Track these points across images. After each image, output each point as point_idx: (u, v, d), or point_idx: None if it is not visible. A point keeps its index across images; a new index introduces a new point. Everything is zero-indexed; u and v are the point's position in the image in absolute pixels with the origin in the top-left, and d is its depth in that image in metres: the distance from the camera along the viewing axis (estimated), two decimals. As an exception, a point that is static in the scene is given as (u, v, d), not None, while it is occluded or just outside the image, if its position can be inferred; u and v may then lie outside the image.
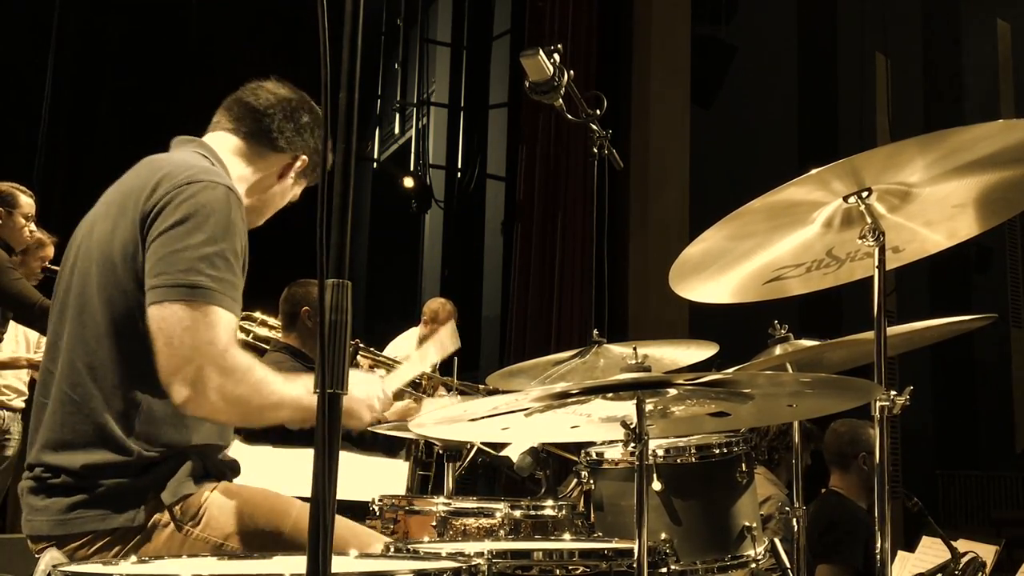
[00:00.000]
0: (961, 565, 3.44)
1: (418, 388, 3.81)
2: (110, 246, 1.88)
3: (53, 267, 4.49)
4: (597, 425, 1.97)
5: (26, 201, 4.53)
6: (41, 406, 1.93)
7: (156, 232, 1.82)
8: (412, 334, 6.65)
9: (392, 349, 6.27)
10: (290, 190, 2.20)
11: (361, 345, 3.68)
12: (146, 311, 1.79)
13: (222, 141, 2.10)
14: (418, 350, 2.45)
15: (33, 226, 4.56)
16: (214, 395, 1.77)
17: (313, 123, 2.15)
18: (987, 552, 4.11)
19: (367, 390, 2.00)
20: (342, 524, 1.97)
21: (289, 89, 2.16)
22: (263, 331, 3.85)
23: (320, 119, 2.15)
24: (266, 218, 2.23)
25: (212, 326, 1.77)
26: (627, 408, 1.75)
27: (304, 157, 2.15)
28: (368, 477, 3.26)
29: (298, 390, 1.85)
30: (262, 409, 1.85)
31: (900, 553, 4.19)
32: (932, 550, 4.00)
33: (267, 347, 3.89)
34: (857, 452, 3.97)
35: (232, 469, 2.04)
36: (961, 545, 3.94)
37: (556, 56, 2.74)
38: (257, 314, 3.84)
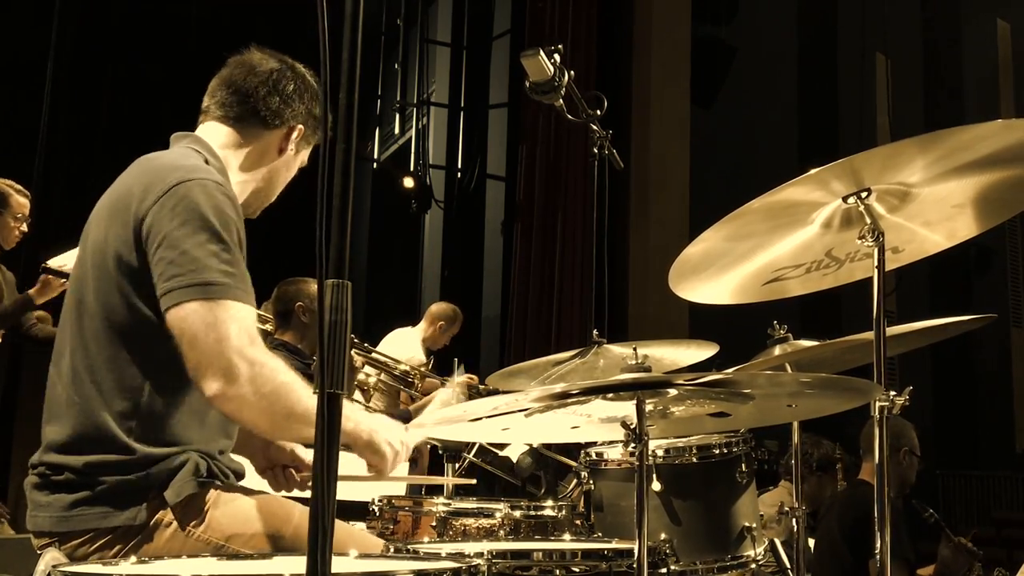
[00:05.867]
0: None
1: (411, 386, 3.81)
2: (104, 249, 1.88)
3: (55, 268, 4.47)
4: (597, 425, 1.97)
5: (18, 201, 4.46)
6: (48, 408, 1.93)
7: (158, 238, 1.81)
8: (404, 333, 6.63)
9: (383, 348, 6.27)
10: (295, 160, 2.18)
11: (355, 341, 3.68)
12: (163, 316, 1.79)
13: (214, 132, 2.09)
14: (441, 400, 2.45)
15: (25, 227, 4.50)
16: (246, 386, 1.75)
17: (300, 88, 2.12)
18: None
19: (393, 434, 1.97)
20: (341, 529, 1.97)
21: (270, 58, 2.13)
22: (257, 324, 3.87)
23: (306, 81, 2.13)
24: (277, 193, 2.21)
25: (234, 319, 1.77)
26: (627, 408, 1.75)
27: (299, 126, 2.12)
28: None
29: None
30: (289, 415, 1.80)
31: None
32: None
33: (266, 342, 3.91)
34: (900, 446, 4.01)
35: (236, 473, 2.04)
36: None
37: (556, 56, 2.74)
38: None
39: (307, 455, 2.20)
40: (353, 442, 1.88)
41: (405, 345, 6.56)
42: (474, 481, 2.92)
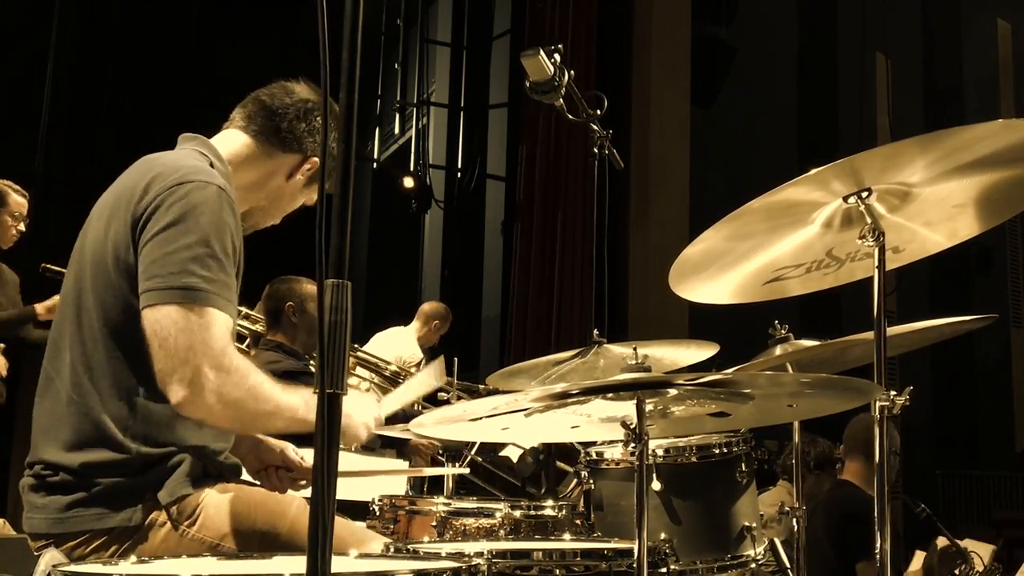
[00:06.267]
0: (982, 568, 3.46)
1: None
2: (103, 248, 1.88)
3: (55, 268, 4.47)
4: (597, 425, 1.97)
5: (16, 200, 4.46)
6: (42, 406, 1.93)
7: (148, 235, 1.81)
8: (398, 332, 6.66)
9: (377, 347, 6.29)
10: (300, 193, 2.16)
11: None
12: (140, 314, 1.79)
13: (230, 139, 2.09)
14: (413, 378, 2.45)
15: (23, 226, 4.51)
16: (211, 396, 1.76)
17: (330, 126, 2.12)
18: (984, 551, 4.13)
19: (364, 410, 2.01)
20: (340, 524, 1.97)
21: (312, 91, 2.13)
22: (247, 324, 3.85)
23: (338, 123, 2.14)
24: (275, 220, 2.20)
25: (207, 327, 1.77)
26: (627, 408, 1.75)
27: (315, 159, 2.10)
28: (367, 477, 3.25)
29: (295, 400, 1.85)
30: (257, 416, 1.83)
31: (917, 552, 4.20)
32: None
33: (260, 342, 3.89)
34: (891, 448, 3.99)
35: (233, 471, 2.04)
36: (965, 545, 3.96)
37: (556, 56, 2.74)
38: (242, 309, 3.83)
39: (296, 456, 2.20)
40: None
41: (403, 344, 6.59)
42: (468, 470, 2.92)
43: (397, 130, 9.95)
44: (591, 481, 2.35)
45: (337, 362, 1.06)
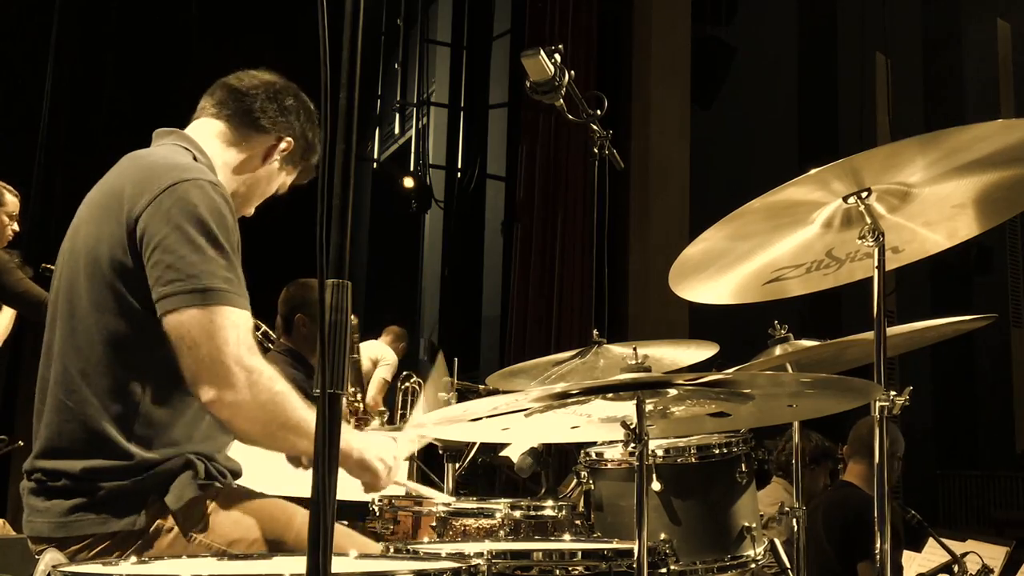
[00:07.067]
0: (970, 571, 3.44)
1: (364, 422, 3.77)
2: (96, 249, 1.87)
3: (51, 267, 4.47)
4: (597, 425, 1.97)
5: (10, 200, 4.50)
6: (39, 413, 1.92)
7: (154, 241, 1.80)
8: (367, 343, 6.85)
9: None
10: (276, 176, 2.15)
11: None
12: (160, 321, 1.78)
13: (204, 127, 2.09)
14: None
15: (16, 225, 4.53)
16: (243, 393, 1.76)
17: (298, 107, 2.13)
18: (997, 553, 4.08)
19: (385, 450, 1.97)
20: (341, 532, 1.96)
21: (276, 75, 2.14)
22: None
23: (307, 105, 2.16)
24: (254, 205, 2.18)
25: (232, 326, 1.77)
26: (627, 408, 1.75)
27: (289, 139, 2.10)
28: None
29: None
30: (284, 426, 1.81)
31: (905, 553, 4.19)
32: (938, 551, 4.00)
33: (275, 345, 3.88)
34: (895, 452, 4.00)
35: (233, 472, 2.04)
36: (970, 546, 3.92)
37: (557, 56, 2.74)
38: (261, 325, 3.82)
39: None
40: (343, 460, 1.85)
41: (377, 347, 6.87)
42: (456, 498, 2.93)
43: (397, 130, 9.96)
44: (591, 481, 2.35)
45: (337, 362, 1.06)
